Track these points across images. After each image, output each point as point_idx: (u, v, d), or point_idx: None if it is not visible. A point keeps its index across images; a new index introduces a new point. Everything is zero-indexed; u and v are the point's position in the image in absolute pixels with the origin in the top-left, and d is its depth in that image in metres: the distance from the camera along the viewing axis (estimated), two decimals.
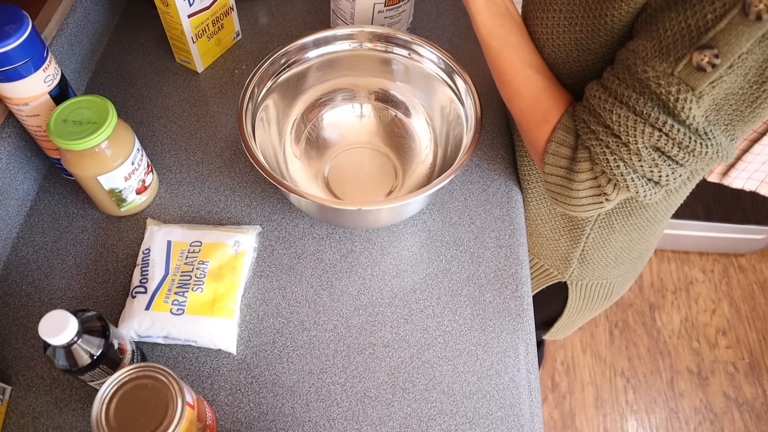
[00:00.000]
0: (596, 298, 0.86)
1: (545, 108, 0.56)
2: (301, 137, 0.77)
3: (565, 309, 0.88)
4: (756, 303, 1.72)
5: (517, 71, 0.58)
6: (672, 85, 0.44)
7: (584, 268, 0.79)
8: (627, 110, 0.48)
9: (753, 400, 1.55)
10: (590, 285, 0.83)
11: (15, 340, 0.63)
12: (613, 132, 0.50)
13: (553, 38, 0.56)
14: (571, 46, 0.54)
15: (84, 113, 0.62)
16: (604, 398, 1.54)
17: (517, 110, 0.59)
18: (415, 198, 0.59)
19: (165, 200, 0.74)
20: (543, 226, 0.77)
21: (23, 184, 0.72)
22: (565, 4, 0.53)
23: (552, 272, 0.82)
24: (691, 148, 0.47)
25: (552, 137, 0.55)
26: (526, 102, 0.58)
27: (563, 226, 0.74)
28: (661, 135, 0.47)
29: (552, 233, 0.77)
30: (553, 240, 0.78)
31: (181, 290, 0.62)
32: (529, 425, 0.59)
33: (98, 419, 0.44)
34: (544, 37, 0.57)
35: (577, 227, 0.73)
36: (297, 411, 0.59)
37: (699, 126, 0.46)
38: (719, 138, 0.47)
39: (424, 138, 0.77)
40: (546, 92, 0.57)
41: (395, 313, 0.66)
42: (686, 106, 0.45)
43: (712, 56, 0.42)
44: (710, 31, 0.41)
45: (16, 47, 0.57)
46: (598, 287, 0.83)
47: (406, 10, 0.85)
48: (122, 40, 0.91)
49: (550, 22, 0.55)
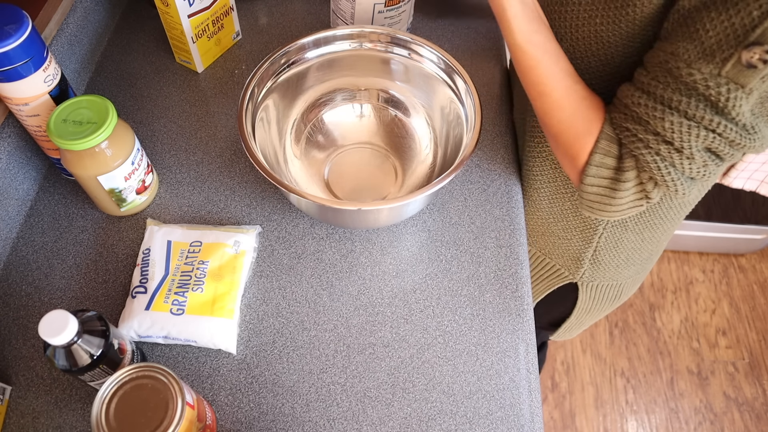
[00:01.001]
0: (605, 300, 0.86)
1: (588, 118, 0.54)
2: (301, 137, 0.77)
3: (574, 310, 0.88)
4: (756, 303, 1.72)
5: (556, 81, 0.55)
6: (721, 85, 0.44)
7: (595, 269, 0.79)
8: (679, 116, 0.47)
9: (753, 400, 1.55)
10: (600, 286, 0.82)
11: (15, 340, 0.63)
12: (665, 139, 0.49)
13: (571, 32, 0.55)
14: (591, 39, 0.54)
15: (84, 113, 0.62)
16: (604, 398, 1.54)
17: (557, 123, 0.56)
18: (415, 198, 0.59)
19: (165, 200, 0.74)
20: (555, 225, 0.76)
21: (23, 184, 0.72)
22: None
23: (563, 273, 0.82)
24: (740, 143, 0.47)
25: (596, 148, 0.53)
26: (567, 113, 0.55)
27: (576, 225, 0.74)
28: (715, 136, 0.47)
29: (564, 232, 0.76)
30: (565, 239, 0.77)
31: (181, 290, 0.62)
32: (529, 425, 0.59)
33: (98, 419, 0.44)
34: (563, 31, 0.56)
35: (590, 227, 0.73)
36: (297, 411, 0.60)
37: (747, 121, 0.46)
38: (764, 130, 0.48)
39: (424, 138, 0.77)
40: (586, 101, 0.55)
41: (395, 313, 0.66)
42: (737, 104, 0.45)
43: (763, 52, 0.42)
44: (758, 28, 0.41)
45: (16, 47, 0.57)
46: (607, 288, 0.83)
47: (406, 10, 0.85)
48: (122, 40, 0.91)
49: (568, 15, 0.54)
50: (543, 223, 0.78)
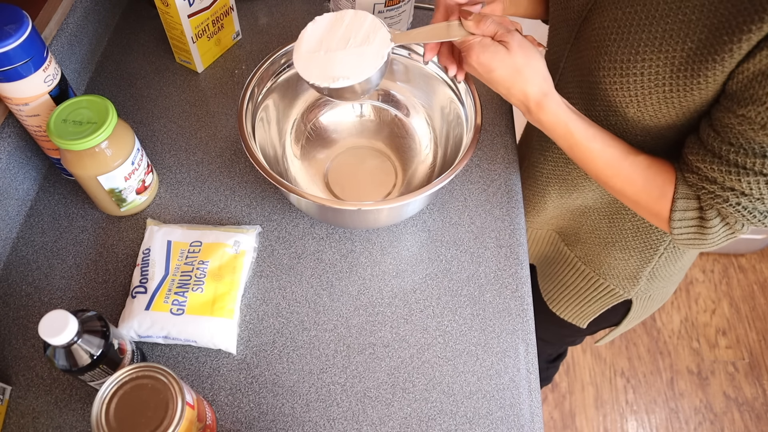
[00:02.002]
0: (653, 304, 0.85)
1: (658, 184, 0.56)
2: (301, 137, 0.77)
3: (624, 320, 0.87)
4: (756, 303, 1.72)
5: (619, 162, 0.57)
6: None
7: (650, 284, 0.78)
8: (755, 175, 0.49)
9: (753, 400, 1.55)
10: (652, 296, 0.82)
11: (15, 340, 0.63)
12: (744, 193, 0.51)
13: (638, 99, 0.55)
14: (660, 104, 0.54)
15: (84, 113, 0.62)
16: (604, 398, 1.54)
17: (632, 194, 0.58)
18: (415, 198, 0.59)
19: (165, 200, 0.74)
20: (613, 246, 0.75)
21: (23, 184, 0.72)
22: (646, 67, 0.52)
23: (618, 292, 0.80)
24: None
25: (674, 207, 0.55)
26: (639, 186, 0.57)
27: (635, 246, 0.73)
28: None
29: (622, 253, 0.75)
30: (622, 260, 0.76)
31: (181, 290, 0.62)
32: (529, 425, 0.59)
33: (98, 419, 0.44)
34: (627, 100, 0.56)
35: (651, 247, 0.72)
36: (297, 411, 0.59)
37: None
38: None
39: (424, 138, 0.77)
40: (651, 169, 0.56)
41: (395, 313, 0.66)
42: None
43: None
44: None
45: (16, 47, 0.57)
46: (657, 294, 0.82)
47: (406, 11, 0.85)
48: (122, 40, 0.91)
49: (631, 86, 0.54)
50: (601, 242, 0.77)
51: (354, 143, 0.79)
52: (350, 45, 0.58)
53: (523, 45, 0.54)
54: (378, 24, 0.59)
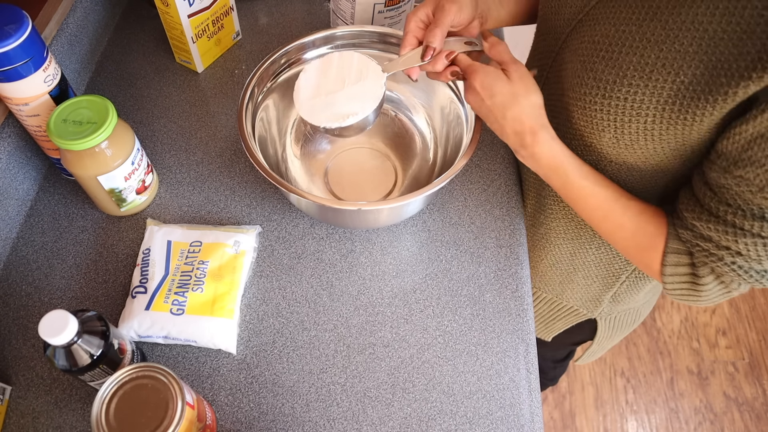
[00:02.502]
0: (624, 326, 0.85)
1: (648, 233, 0.55)
2: (301, 137, 0.77)
3: (595, 339, 0.87)
4: (756, 303, 1.72)
5: (611, 204, 0.56)
6: None
7: (614, 306, 0.77)
8: (752, 237, 0.47)
9: (753, 400, 1.55)
10: (618, 317, 0.81)
11: (15, 340, 0.63)
12: (740, 253, 0.49)
13: (615, 125, 0.52)
14: (639, 134, 0.52)
15: (84, 113, 0.62)
16: (604, 398, 1.54)
17: (621, 240, 0.57)
18: (415, 198, 0.59)
19: (165, 200, 0.74)
20: (575, 274, 0.75)
21: (23, 184, 0.72)
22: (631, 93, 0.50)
23: (581, 311, 0.80)
24: None
25: (665, 261, 0.54)
26: (629, 232, 0.56)
27: (597, 274, 0.72)
28: None
29: (585, 280, 0.75)
30: (584, 286, 0.76)
31: (181, 290, 0.62)
32: (529, 425, 0.59)
33: (98, 419, 0.44)
34: (604, 123, 0.53)
35: (612, 275, 0.71)
36: (297, 411, 0.59)
37: None
38: None
39: (424, 138, 0.77)
40: (643, 216, 0.55)
41: (395, 313, 0.66)
42: None
43: None
44: None
45: (16, 47, 0.57)
46: (625, 316, 0.82)
47: (406, 11, 0.84)
48: (122, 40, 0.91)
49: (612, 109, 0.52)
50: (563, 272, 0.76)
51: (354, 143, 0.79)
52: (347, 84, 0.61)
53: (525, 77, 0.54)
54: (366, 59, 0.62)
